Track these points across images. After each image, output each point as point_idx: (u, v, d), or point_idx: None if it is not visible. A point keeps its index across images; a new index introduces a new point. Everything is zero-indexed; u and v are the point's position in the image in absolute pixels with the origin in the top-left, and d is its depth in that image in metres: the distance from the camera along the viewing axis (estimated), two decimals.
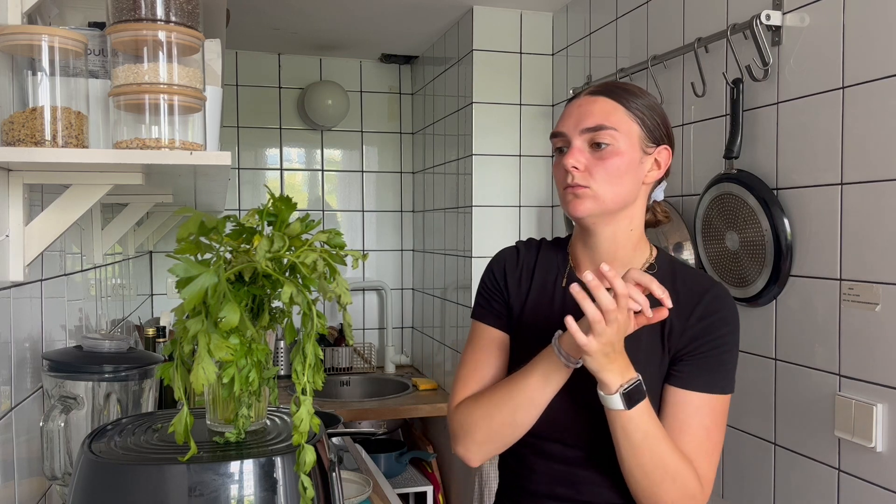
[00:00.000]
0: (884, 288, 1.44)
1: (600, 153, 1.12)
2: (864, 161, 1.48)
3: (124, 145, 0.92)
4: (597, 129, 1.12)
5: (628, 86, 1.18)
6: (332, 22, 3.01)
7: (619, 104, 1.14)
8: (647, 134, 1.15)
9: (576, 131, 1.14)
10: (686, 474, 1.07)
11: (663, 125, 1.17)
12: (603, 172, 1.12)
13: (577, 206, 1.13)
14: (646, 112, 1.15)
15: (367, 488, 1.79)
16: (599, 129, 1.12)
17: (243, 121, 3.49)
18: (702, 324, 1.13)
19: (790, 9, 1.67)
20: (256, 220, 0.89)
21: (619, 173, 1.12)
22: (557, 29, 2.82)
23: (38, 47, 0.90)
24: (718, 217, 1.83)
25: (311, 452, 0.85)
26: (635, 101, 1.15)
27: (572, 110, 1.17)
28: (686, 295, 1.14)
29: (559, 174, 1.15)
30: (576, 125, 1.14)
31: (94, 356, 1.22)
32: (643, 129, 1.14)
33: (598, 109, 1.14)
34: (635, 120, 1.14)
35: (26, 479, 1.20)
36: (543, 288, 1.23)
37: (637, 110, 1.14)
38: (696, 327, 1.13)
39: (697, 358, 1.12)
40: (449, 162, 3.11)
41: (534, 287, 1.24)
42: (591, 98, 1.16)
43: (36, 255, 1.03)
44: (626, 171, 1.13)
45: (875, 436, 1.45)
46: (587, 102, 1.16)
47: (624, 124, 1.13)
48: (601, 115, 1.13)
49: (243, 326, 0.83)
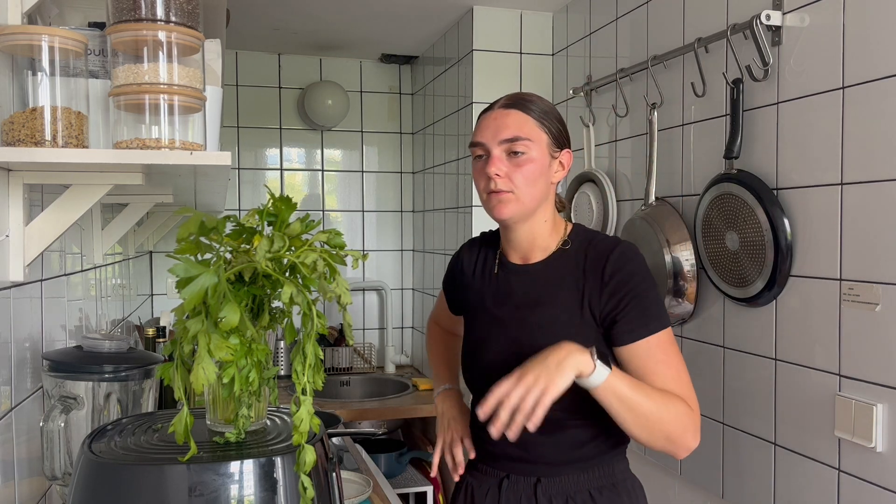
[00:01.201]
0: (884, 288, 1.44)
1: (517, 160, 1.29)
2: (864, 161, 1.48)
3: (124, 145, 0.92)
4: (513, 139, 1.29)
5: (532, 97, 1.35)
6: (332, 22, 3.01)
7: (530, 116, 1.31)
8: (553, 141, 1.32)
9: (494, 142, 1.30)
10: (674, 400, 1.22)
11: (564, 131, 1.36)
12: (521, 177, 1.29)
13: (502, 210, 1.30)
14: (551, 121, 1.32)
15: (367, 488, 1.79)
16: (516, 140, 1.29)
17: (243, 121, 3.49)
18: (614, 280, 1.27)
19: (790, 9, 1.67)
20: (256, 220, 0.89)
21: (534, 177, 1.29)
22: (557, 29, 2.82)
23: (39, 47, 0.90)
24: (718, 217, 1.83)
25: (311, 452, 0.85)
26: (541, 111, 1.32)
27: (489, 122, 1.32)
28: (594, 258, 1.30)
29: (481, 180, 1.32)
30: (494, 136, 1.30)
31: (94, 356, 1.22)
32: (550, 137, 1.32)
33: (512, 122, 1.30)
34: (543, 129, 1.31)
35: (26, 479, 1.20)
36: (483, 276, 1.46)
37: (544, 120, 1.31)
38: (609, 284, 1.27)
39: (624, 313, 1.26)
40: (449, 162, 3.11)
41: (476, 276, 1.47)
42: (504, 111, 1.32)
43: (36, 255, 1.03)
44: (540, 175, 1.30)
45: (875, 436, 1.45)
46: (502, 115, 1.31)
47: (535, 134, 1.30)
48: (515, 127, 1.29)
49: (243, 326, 0.83)
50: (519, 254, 1.39)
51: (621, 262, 1.28)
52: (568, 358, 1.15)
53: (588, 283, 1.29)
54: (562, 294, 1.31)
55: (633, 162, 2.32)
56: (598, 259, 1.30)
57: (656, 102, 2.09)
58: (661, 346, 1.26)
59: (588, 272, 1.29)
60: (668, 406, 1.21)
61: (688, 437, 1.23)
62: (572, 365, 1.14)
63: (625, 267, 1.27)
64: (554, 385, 1.13)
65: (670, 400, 1.21)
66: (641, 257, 1.31)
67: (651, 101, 2.12)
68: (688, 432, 1.23)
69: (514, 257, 1.40)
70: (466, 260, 1.51)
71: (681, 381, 1.25)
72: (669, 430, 1.21)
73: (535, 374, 1.14)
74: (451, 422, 1.49)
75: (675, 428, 1.21)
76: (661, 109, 2.10)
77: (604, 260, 1.28)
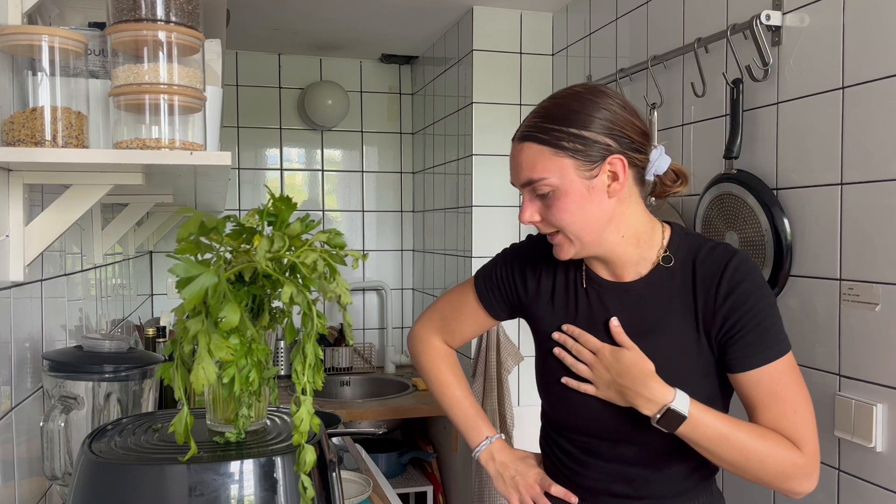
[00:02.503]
0: (884, 288, 1.44)
1: (546, 201, 1.12)
2: (864, 161, 1.48)
3: (124, 145, 0.92)
4: (529, 183, 1.12)
5: (554, 110, 1.11)
6: (332, 22, 3.01)
7: (543, 145, 1.10)
8: (581, 161, 1.09)
9: (518, 185, 1.15)
10: (773, 448, 1.08)
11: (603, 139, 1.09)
12: (558, 217, 1.11)
13: (560, 253, 1.16)
14: (575, 139, 1.08)
15: (367, 488, 1.79)
16: (531, 184, 1.12)
17: (243, 121, 3.49)
18: (729, 301, 1.10)
19: (790, 9, 1.67)
20: (256, 220, 0.89)
21: (572, 210, 1.10)
22: (557, 29, 2.82)
23: (39, 47, 0.90)
24: (718, 217, 1.83)
25: (311, 452, 0.85)
26: (560, 131, 1.09)
27: (511, 161, 1.16)
28: (706, 274, 1.13)
29: None
30: (515, 179, 1.15)
31: (94, 356, 1.22)
32: (576, 159, 1.09)
33: (524, 161, 1.12)
34: (565, 154, 1.09)
35: (26, 479, 1.20)
36: (566, 289, 1.24)
37: (564, 142, 1.09)
38: (724, 306, 1.11)
39: (740, 336, 1.10)
40: (449, 162, 3.11)
41: (557, 286, 1.25)
42: (518, 146, 1.14)
43: (36, 255, 1.03)
44: (579, 205, 1.10)
45: (875, 436, 1.45)
46: (516, 153, 1.14)
47: (552, 165, 1.09)
48: (528, 168, 1.11)
49: (243, 326, 0.83)
50: (605, 268, 1.20)
51: (738, 278, 1.10)
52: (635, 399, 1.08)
53: (700, 302, 1.12)
54: (673, 318, 1.13)
55: None
56: (710, 275, 1.12)
57: (656, 102, 2.09)
58: (776, 375, 1.10)
59: (699, 290, 1.13)
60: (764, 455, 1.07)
61: (792, 485, 1.09)
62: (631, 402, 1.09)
63: (742, 283, 1.10)
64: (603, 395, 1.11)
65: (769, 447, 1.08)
66: (758, 271, 1.14)
67: (651, 101, 2.12)
68: (791, 480, 1.09)
69: (603, 272, 1.21)
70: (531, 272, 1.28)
71: (797, 419, 1.09)
72: (765, 477, 1.09)
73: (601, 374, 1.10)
74: (519, 477, 1.28)
75: (773, 476, 1.09)
76: (661, 109, 2.10)
77: (718, 276, 1.11)
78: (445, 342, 1.40)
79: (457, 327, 1.38)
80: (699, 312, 1.13)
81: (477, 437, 1.33)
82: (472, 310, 1.36)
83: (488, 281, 1.33)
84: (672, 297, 1.15)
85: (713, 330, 1.12)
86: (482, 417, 1.35)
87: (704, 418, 1.08)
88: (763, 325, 1.10)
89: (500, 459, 1.30)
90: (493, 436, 1.32)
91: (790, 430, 1.09)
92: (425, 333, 1.41)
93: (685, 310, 1.14)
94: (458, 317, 1.37)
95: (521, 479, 1.28)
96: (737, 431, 1.08)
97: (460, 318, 1.37)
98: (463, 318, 1.37)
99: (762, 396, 1.10)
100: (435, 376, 1.38)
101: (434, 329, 1.40)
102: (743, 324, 1.10)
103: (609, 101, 1.11)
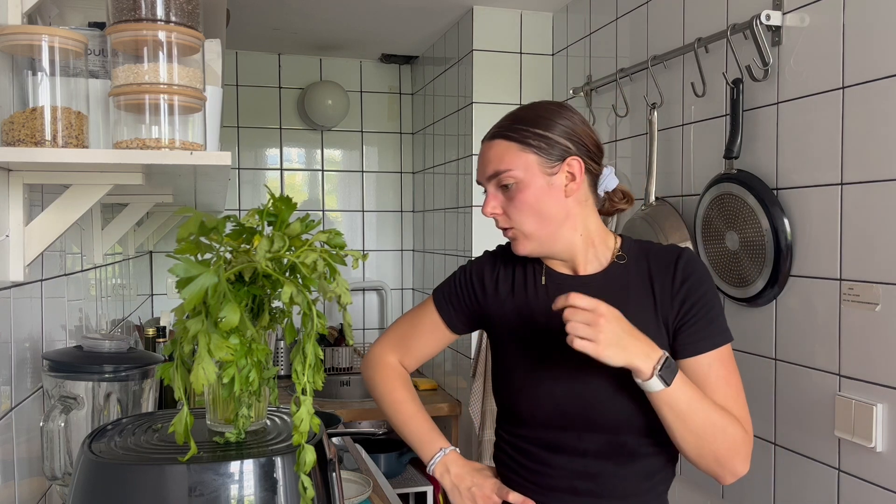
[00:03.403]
0: (884, 288, 1.44)
1: (509, 193, 1.20)
2: (864, 161, 1.48)
3: (124, 145, 0.92)
4: (495, 175, 1.20)
5: (522, 114, 1.22)
6: (332, 22, 3.01)
7: (512, 142, 1.19)
8: (544, 158, 1.18)
9: (483, 179, 1.23)
10: (731, 422, 1.12)
11: (564, 141, 1.19)
12: (516, 210, 1.19)
13: (518, 248, 1.22)
14: (540, 138, 1.18)
15: (367, 488, 1.79)
16: (497, 175, 1.20)
17: (243, 121, 3.49)
18: (684, 287, 1.18)
19: (790, 9, 1.67)
20: (256, 220, 0.89)
21: (530, 204, 1.18)
22: (557, 29, 2.82)
23: (39, 47, 0.90)
24: (718, 217, 1.83)
25: (311, 452, 0.85)
26: (527, 130, 1.19)
27: (480, 159, 1.24)
28: (660, 266, 1.21)
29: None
30: (482, 174, 1.23)
31: (94, 356, 1.22)
32: (539, 156, 1.18)
33: (493, 155, 1.21)
34: (530, 150, 1.18)
35: (26, 479, 1.20)
36: (525, 287, 1.29)
37: (530, 140, 1.18)
38: (681, 292, 1.18)
39: (691, 324, 1.17)
40: (449, 162, 3.11)
41: (517, 286, 1.29)
42: (488, 144, 1.23)
43: (36, 255, 1.03)
44: (537, 200, 1.18)
45: (875, 436, 1.45)
46: (486, 149, 1.23)
47: (518, 160, 1.18)
48: (496, 161, 1.20)
49: (243, 326, 0.83)
50: (567, 265, 1.26)
51: (690, 268, 1.19)
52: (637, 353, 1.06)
53: (657, 289, 1.19)
54: (632, 307, 1.16)
55: (633, 162, 2.32)
56: (665, 265, 1.20)
57: (656, 102, 2.09)
58: (722, 361, 1.16)
59: (656, 278, 1.20)
60: (724, 426, 1.11)
61: (737, 462, 1.13)
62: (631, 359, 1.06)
63: (694, 273, 1.18)
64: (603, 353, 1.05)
65: (728, 420, 1.12)
66: (703, 264, 1.23)
67: (651, 101, 2.12)
68: (738, 456, 1.13)
69: (562, 268, 1.27)
70: (489, 276, 1.33)
71: (739, 401, 1.16)
72: (721, 451, 1.11)
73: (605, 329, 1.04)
74: (475, 488, 1.27)
75: (727, 450, 1.12)
76: (661, 109, 2.10)
77: (673, 266, 1.19)
78: (401, 362, 1.41)
79: (414, 344, 1.39)
80: (657, 298, 1.19)
81: (430, 450, 1.31)
82: (430, 324, 1.37)
83: (447, 290, 1.37)
84: (629, 287, 1.21)
85: (670, 315, 1.18)
86: (436, 431, 1.34)
87: (685, 378, 1.11)
88: (712, 313, 1.17)
89: (455, 472, 1.29)
90: (447, 448, 1.31)
91: (734, 409, 1.15)
92: (380, 353, 1.41)
93: (643, 298, 1.20)
94: (415, 333, 1.39)
95: (478, 489, 1.27)
96: (706, 398, 1.12)
97: (417, 334, 1.39)
98: (420, 333, 1.39)
99: (710, 380, 1.16)
100: (389, 393, 1.37)
101: (390, 348, 1.41)
102: (696, 310, 1.17)
103: (571, 114, 1.23)
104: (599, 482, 1.19)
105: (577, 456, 1.20)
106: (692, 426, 1.10)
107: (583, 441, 1.19)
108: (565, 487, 1.21)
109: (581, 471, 1.20)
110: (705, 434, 1.10)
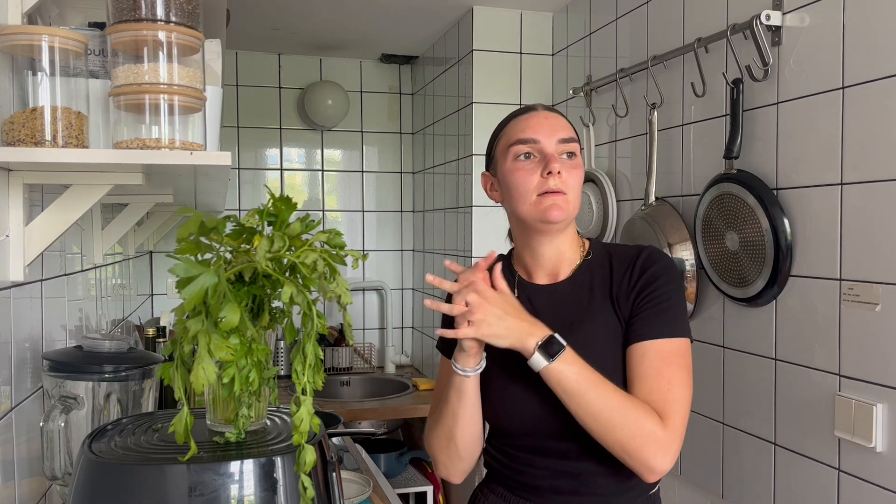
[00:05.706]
0: (884, 288, 1.44)
1: (572, 162, 1.22)
2: (864, 161, 1.48)
3: (124, 145, 0.92)
4: (570, 140, 1.23)
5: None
6: (332, 22, 3.01)
7: (569, 123, 1.25)
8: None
9: (552, 139, 1.21)
10: (635, 412, 1.11)
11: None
12: (575, 180, 1.21)
13: (557, 212, 1.19)
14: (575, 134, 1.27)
15: (367, 488, 1.79)
16: (572, 141, 1.23)
17: (243, 121, 3.49)
18: (640, 281, 1.20)
19: (790, 9, 1.67)
20: (256, 220, 0.89)
21: (581, 179, 1.23)
22: (557, 29, 2.82)
23: (39, 47, 0.90)
24: (718, 217, 1.83)
25: (311, 452, 0.85)
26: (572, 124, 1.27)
27: (539, 121, 1.23)
28: (621, 264, 1.24)
29: (531, 180, 1.20)
30: (551, 133, 1.21)
31: (94, 356, 1.22)
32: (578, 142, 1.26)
33: (563, 123, 1.24)
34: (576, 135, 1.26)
35: (26, 479, 1.20)
36: None
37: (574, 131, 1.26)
38: (636, 286, 1.20)
39: (641, 312, 1.18)
40: (449, 162, 3.11)
41: None
42: (551, 113, 1.25)
43: (36, 255, 1.03)
44: (582, 178, 1.24)
45: (875, 436, 1.45)
46: (553, 116, 1.24)
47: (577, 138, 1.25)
48: (569, 129, 1.24)
49: (243, 326, 0.83)
50: (546, 271, 1.28)
51: (650, 262, 1.21)
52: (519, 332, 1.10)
53: (615, 287, 1.21)
54: (595, 308, 1.20)
55: (633, 162, 2.32)
56: (625, 262, 1.23)
57: (656, 102, 2.09)
58: (662, 354, 1.15)
59: (615, 277, 1.22)
60: (626, 413, 1.10)
61: (648, 455, 1.10)
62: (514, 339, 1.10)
63: (653, 266, 1.20)
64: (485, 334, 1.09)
65: (633, 408, 1.10)
66: (670, 260, 1.25)
67: (651, 101, 2.12)
68: (647, 448, 1.09)
69: (539, 276, 1.28)
70: None
71: (669, 395, 1.13)
72: (624, 439, 1.10)
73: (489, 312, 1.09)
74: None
75: (631, 438, 1.09)
76: (661, 109, 2.10)
77: (632, 262, 1.22)
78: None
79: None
80: (614, 296, 1.21)
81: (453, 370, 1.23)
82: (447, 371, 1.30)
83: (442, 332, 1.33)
84: (593, 289, 1.24)
85: (626, 311, 1.20)
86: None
87: (579, 360, 1.12)
88: (663, 305, 1.17)
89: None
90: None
91: (660, 402, 1.13)
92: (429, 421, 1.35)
93: (604, 298, 1.22)
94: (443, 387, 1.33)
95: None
96: (606, 383, 1.11)
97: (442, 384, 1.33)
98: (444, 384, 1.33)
99: (643, 370, 1.15)
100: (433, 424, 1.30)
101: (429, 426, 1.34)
102: (647, 301, 1.18)
103: None
104: (582, 480, 1.21)
105: (558, 458, 1.22)
106: (586, 408, 1.10)
107: (563, 443, 1.21)
108: (548, 486, 1.23)
109: (564, 471, 1.22)
110: (602, 418, 1.10)
